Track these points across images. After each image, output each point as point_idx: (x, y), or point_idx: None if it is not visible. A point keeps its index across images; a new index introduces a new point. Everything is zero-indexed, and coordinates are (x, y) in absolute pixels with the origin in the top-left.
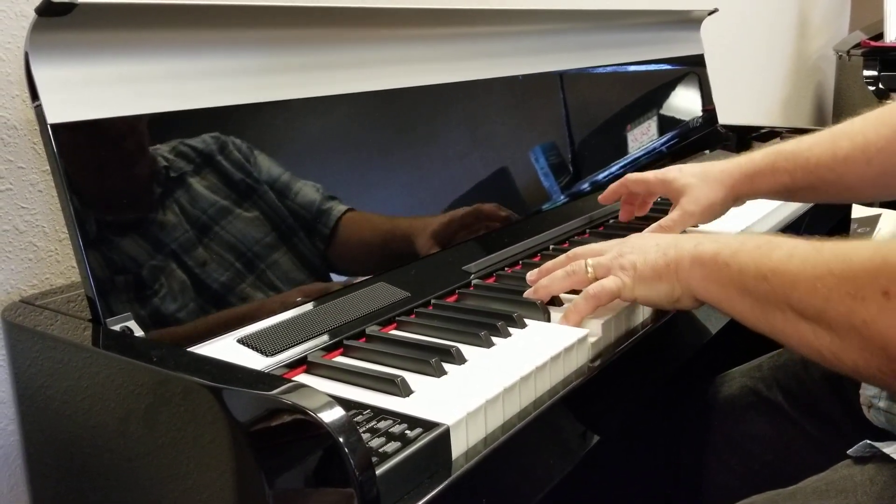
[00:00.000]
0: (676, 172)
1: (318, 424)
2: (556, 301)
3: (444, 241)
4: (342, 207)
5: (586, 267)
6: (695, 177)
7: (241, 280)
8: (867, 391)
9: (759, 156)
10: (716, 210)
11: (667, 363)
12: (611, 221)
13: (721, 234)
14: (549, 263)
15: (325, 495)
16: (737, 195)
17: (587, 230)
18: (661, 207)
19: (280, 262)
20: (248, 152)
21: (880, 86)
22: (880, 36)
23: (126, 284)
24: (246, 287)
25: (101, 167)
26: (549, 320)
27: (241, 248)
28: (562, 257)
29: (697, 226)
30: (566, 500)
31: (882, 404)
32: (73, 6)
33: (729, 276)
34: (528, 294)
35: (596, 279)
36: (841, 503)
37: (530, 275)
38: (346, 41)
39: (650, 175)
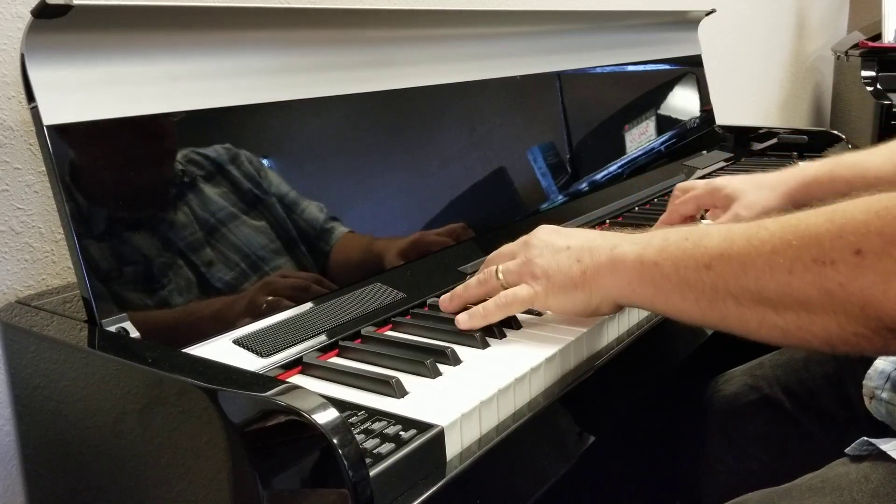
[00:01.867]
0: (724, 180)
1: (313, 426)
2: None
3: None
4: (343, 229)
5: (496, 273)
6: (745, 183)
7: (244, 281)
8: (870, 382)
9: (817, 164)
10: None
11: (665, 362)
12: (607, 222)
13: (634, 234)
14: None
15: (319, 496)
16: (791, 203)
17: None
18: None
19: (283, 268)
20: (259, 166)
21: (878, 86)
22: (878, 36)
23: (122, 285)
24: (248, 288)
25: (96, 168)
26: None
27: (245, 250)
28: (482, 268)
29: None
30: (563, 500)
31: (885, 395)
32: (69, 8)
33: (661, 274)
34: (442, 303)
35: (507, 285)
36: (835, 500)
37: (442, 299)
38: (344, 43)
39: (698, 190)
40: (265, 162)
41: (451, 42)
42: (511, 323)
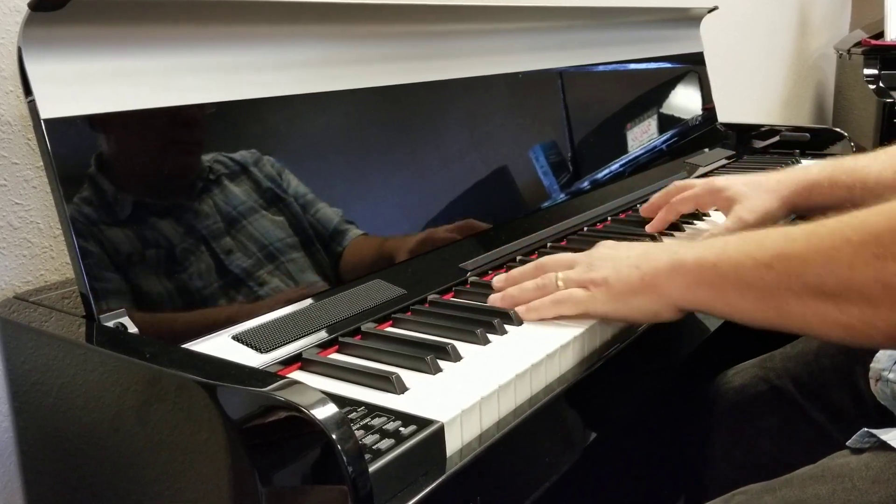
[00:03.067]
0: (725, 181)
1: (312, 421)
2: None
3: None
4: (358, 231)
5: (556, 280)
6: (747, 185)
7: (245, 279)
8: (878, 364)
9: (817, 168)
10: (770, 220)
11: (669, 358)
12: (609, 219)
13: (690, 241)
14: (517, 271)
15: (318, 492)
16: (792, 207)
17: (585, 227)
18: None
19: (295, 262)
20: (280, 168)
21: (881, 84)
22: (881, 35)
23: (120, 280)
24: (249, 285)
25: (94, 162)
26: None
27: (252, 248)
28: (529, 266)
29: None
30: (567, 495)
31: (892, 376)
32: (66, 1)
33: (720, 275)
34: (493, 300)
35: None
36: (836, 487)
37: (497, 281)
38: (346, 37)
39: (697, 189)
40: (275, 161)
41: (454, 38)
42: (513, 319)
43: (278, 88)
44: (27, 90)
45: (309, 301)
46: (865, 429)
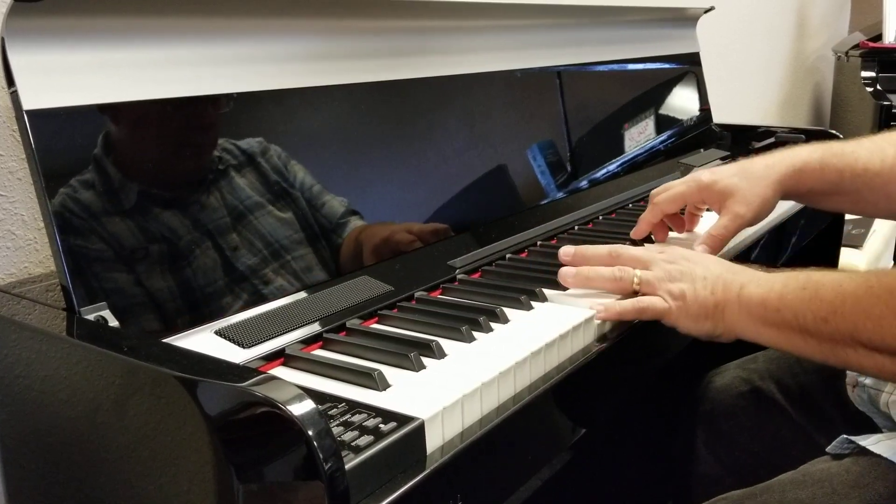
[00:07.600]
0: (711, 175)
1: (288, 417)
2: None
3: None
4: (360, 222)
5: (633, 278)
6: (735, 176)
7: (227, 270)
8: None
9: (806, 151)
10: (766, 209)
11: (654, 358)
12: (600, 218)
13: (761, 272)
14: (589, 250)
15: (294, 489)
16: (784, 191)
17: (575, 226)
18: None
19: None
20: (286, 160)
21: (878, 87)
22: (879, 37)
23: (101, 273)
24: (233, 276)
25: (77, 154)
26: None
27: (264, 240)
28: (603, 249)
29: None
30: (550, 496)
31: (868, 381)
32: None
33: (783, 320)
34: (564, 274)
35: (640, 292)
36: (816, 492)
37: (564, 254)
38: (344, 31)
39: (681, 187)
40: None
41: (451, 34)
42: (498, 317)
43: (272, 82)
44: (10, 81)
45: (295, 297)
46: (844, 436)
